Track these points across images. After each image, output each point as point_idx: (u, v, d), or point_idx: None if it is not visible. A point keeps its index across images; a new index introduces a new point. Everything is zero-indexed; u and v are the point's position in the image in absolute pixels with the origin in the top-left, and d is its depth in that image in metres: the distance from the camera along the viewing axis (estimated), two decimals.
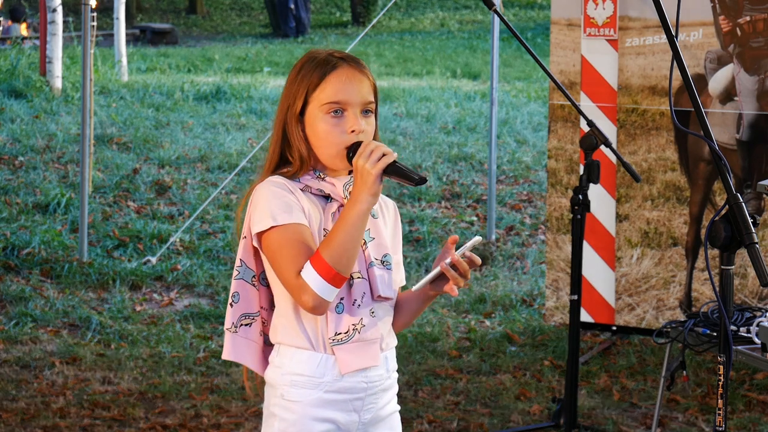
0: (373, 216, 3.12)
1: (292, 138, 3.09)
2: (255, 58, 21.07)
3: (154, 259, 8.28)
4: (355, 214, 2.95)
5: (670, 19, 3.35)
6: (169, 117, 13.60)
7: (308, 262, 2.95)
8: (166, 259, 8.36)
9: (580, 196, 5.09)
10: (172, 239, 8.64)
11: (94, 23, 10.08)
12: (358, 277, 3.05)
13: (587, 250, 6.53)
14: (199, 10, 30.00)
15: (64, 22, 15.31)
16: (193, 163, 11.27)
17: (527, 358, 6.73)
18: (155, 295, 7.79)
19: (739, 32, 6.38)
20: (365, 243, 3.07)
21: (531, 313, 7.55)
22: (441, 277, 3.08)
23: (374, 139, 3.09)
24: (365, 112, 3.08)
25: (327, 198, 3.08)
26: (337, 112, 3.05)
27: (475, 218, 9.79)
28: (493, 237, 9.08)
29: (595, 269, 6.71)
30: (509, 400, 6.12)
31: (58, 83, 14.47)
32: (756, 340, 4.87)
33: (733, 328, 4.96)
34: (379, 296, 3.08)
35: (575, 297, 5.20)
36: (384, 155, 2.95)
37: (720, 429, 3.31)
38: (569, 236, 6.63)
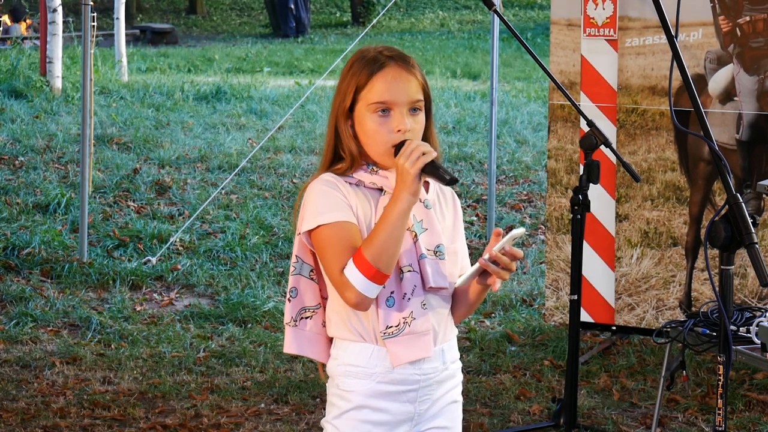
0: (426, 206, 3.17)
1: (343, 135, 3.13)
2: (255, 58, 21.07)
3: (154, 259, 8.28)
4: (396, 213, 3.00)
5: (670, 19, 3.35)
6: (169, 117, 13.60)
7: (351, 259, 3.01)
8: (166, 259, 8.36)
9: (580, 196, 5.08)
10: (172, 239, 8.63)
11: (94, 23, 10.08)
12: (408, 270, 3.10)
13: (587, 250, 6.53)
14: (199, 10, 30.00)
15: (64, 22, 15.31)
16: (193, 163, 11.26)
17: (527, 358, 6.73)
18: (155, 295, 7.79)
19: (738, 32, 6.38)
20: (416, 235, 3.11)
21: (531, 313, 7.55)
22: (486, 271, 3.11)
23: (427, 135, 3.14)
24: (413, 110, 3.11)
25: (381, 191, 3.13)
26: (383, 111, 3.09)
27: (475, 218, 9.79)
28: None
29: (595, 269, 6.71)
30: (509, 400, 6.12)
31: (58, 83, 14.47)
32: (756, 340, 4.87)
33: (732, 328, 4.96)
34: (431, 287, 3.12)
35: (575, 297, 5.19)
36: (424, 154, 3.00)
37: (720, 429, 3.31)
38: (569, 236, 6.62)
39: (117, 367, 6.48)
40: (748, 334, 4.91)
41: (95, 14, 9.96)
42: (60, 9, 14.25)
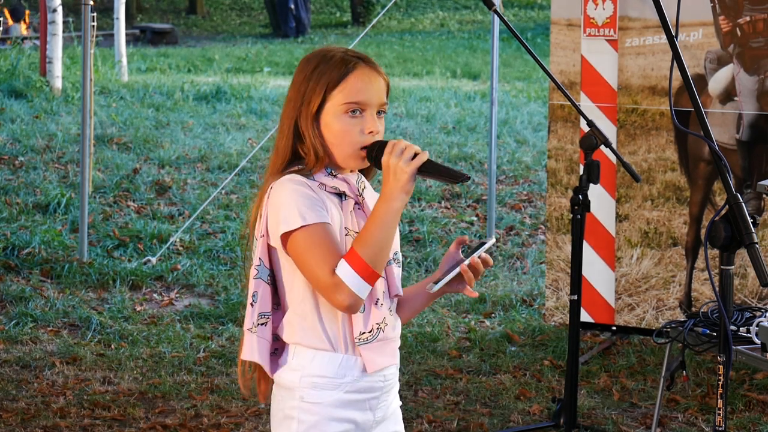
0: None
1: (307, 136, 3.06)
2: (255, 58, 21.07)
3: (154, 259, 8.28)
4: (390, 212, 2.96)
5: (670, 19, 3.35)
6: (169, 117, 13.60)
7: (343, 260, 2.95)
8: (166, 259, 8.36)
9: (580, 196, 5.09)
10: (172, 239, 8.64)
11: (94, 23, 10.08)
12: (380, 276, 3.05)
13: (587, 250, 6.53)
14: (199, 10, 30.00)
15: (64, 22, 15.31)
16: (193, 163, 11.27)
17: (527, 358, 6.73)
18: (155, 295, 7.79)
19: (739, 32, 6.38)
20: None
21: (531, 313, 7.54)
22: (455, 277, 3.09)
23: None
24: (379, 112, 3.09)
25: (341, 196, 3.08)
26: (355, 112, 3.05)
27: (475, 218, 9.79)
28: (494, 238, 9.07)
29: (595, 269, 6.71)
30: (509, 400, 6.12)
31: (58, 83, 14.47)
32: (756, 340, 4.87)
33: (733, 328, 4.96)
34: (396, 294, 3.11)
35: (575, 297, 5.20)
36: (416, 154, 2.97)
37: (720, 429, 3.31)
38: (569, 236, 6.62)
39: (117, 367, 6.48)
40: (748, 334, 4.91)
41: (95, 14, 9.96)
42: (60, 9, 14.25)
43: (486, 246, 3.05)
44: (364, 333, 3.05)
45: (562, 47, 6.84)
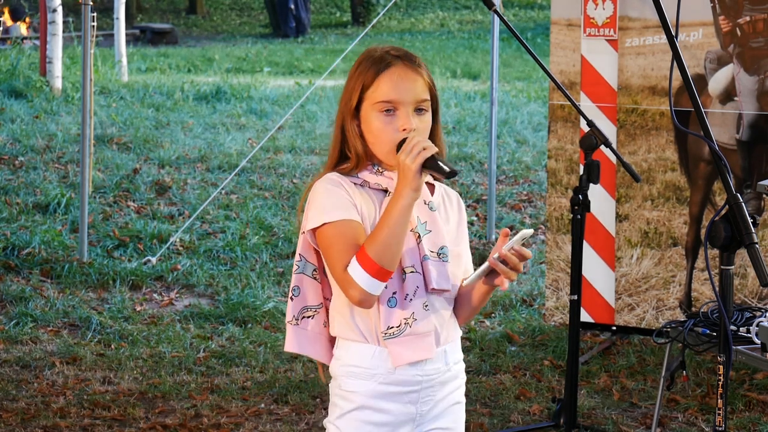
0: (431, 209, 3.17)
1: (349, 134, 3.14)
2: (255, 58, 21.07)
3: (154, 259, 8.28)
4: (398, 210, 3.01)
5: (670, 19, 3.35)
6: (169, 117, 13.60)
7: (354, 257, 3.02)
8: (166, 259, 8.36)
9: (580, 196, 5.08)
10: (172, 239, 8.63)
11: (94, 23, 10.08)
12: (411, 271, 3.10)
13: (587, 250, 6.53)
14: (199, 10, 30.00)
15: (64, 22, 15.31)
16: (193, 163, 11.27)
17: (527, 358, 6.73)
18: (155, 295, 7.79)
19: (739, 32, 6.38)
20: (419, 236, 3.12)
21: (531, 313, 7.55)
22: (494, 270, 3.11)
23: (434, 135, 3.14)
24: (418, 110, 3.12)
25: (385, 192, 3.13)
26: (389, 110, 3.10)
27: (475, 218, 9.79)
28: (493, 237, 9.08)
29: (595, 269, 6.71)
30: (509, 400, 6.12)
31: (58, 83, 14.47)
32: (756, 340, 4.87)
33: (733, 328, 4.96)
34: (434, 289, 3.12)
35: (575, 297, 5.19)
36: (424, 149, 3.00)
37: (720, 429, 3.31)
38: (569, 236, 6.62)
39: (117, 367, 6.48)
40: (748, 334, 4.91)
41: (95, 14, 9.95)
42: (60, 9, 14.25)
43: (518, 237, 3.05)
44: (391, 328, 3.10)
45: (562, 47, 6.84)
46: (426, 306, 3.12)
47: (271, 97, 15.13)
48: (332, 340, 3.22)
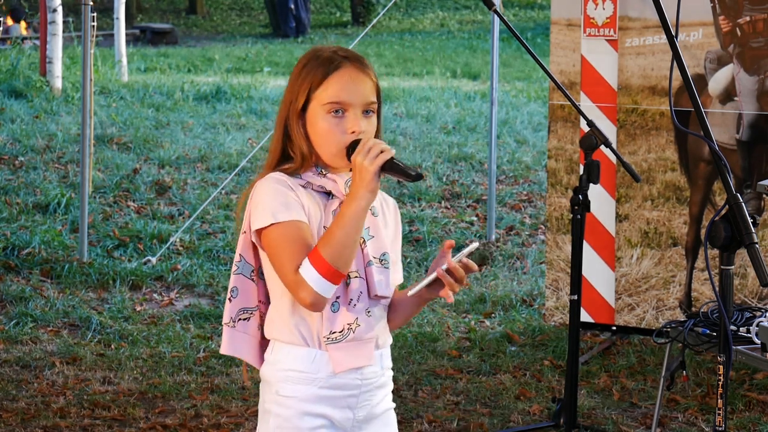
0: (373, 214, 3.13)
1: (294, 134, 3.09)
2: (255, 58, 21.07)
3: (154, 259, 8.28)
4: (354, 211, 2.96)
5: (670, 19, 3.35)
6: (169, 117, 13.60)
7: (306, 258, 2.96)
8: (166, 259, 8.36)
9: (580, 196, 5.09)
10: (172, 239, 8.63)
11: (94, 23, 10.08)
12: (355, 276, 3.06)
13: (587, 250, 6.53)
14: (199, 10, 30.00)
15: (64, 22, 15.31)
16: (193, 163, 11.27)
17: (527, 358, 6.73)
18: (155, 295, 7.79)
19: (739, 32, 6.38)
20: (364, 241, 3.08)
21: (531, 313, 7.54)
22: (438, 281, 3.08)
23: (377, 138, 3.10)
24: (366, 112, 3.08)
25: (328, 195, 3.09)
26: (337, 111, 3.05)
27: (475, 218, 9.79)
28: (493, 237, 9.08)
29: (595, 269, 6.71)
30: (509, 400, 6.12)
31: (58, 83, 14.47)
32: (756, 340, 4.87)
33: (733, 328, 4.96)
34: (377, 295, 3.09)
35: (575, 297, 5.20)
36: (382, 152, 2.96)
37: (720, 429, 3.31)
38: (569, 236, 6.62)
39: (117, 367, 6.48)
40: (748, 334, 4.91)
41: (95, 14, 9.96)
42: (60, 9, 14.25)
43: (467, 250, 3.02)
44: (333, 332, 3.05)
45: (562, 47, 6.84)
46: (369, 312, 3.09)
47: (271, 97, 15.13)
48: (263, 344, 3.16)
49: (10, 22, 21.83)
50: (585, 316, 6.78)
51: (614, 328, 6.78)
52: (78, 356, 6.61)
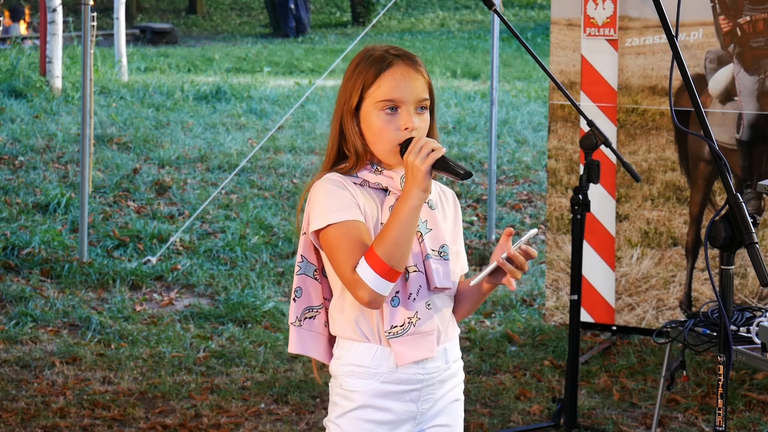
0: (431, 207, 3.18)
1: (348, 133, 3.14)
2: (255, 58, 21.07)
3: (154, 259, 8.28)
4: (407, 210, 3.01)
5: (670, 19, 3.35)
6: (169, 117, 13.60)
7: (363, 258, 3.01)
8: (166, 259, 8.36)
9: (580, 196, 5.09)
10: (172, 239, 8.63)
11: (94, 23, 10.08)
12: (414, 270, 3.10)
13: (587, 250, 6.53)
14: (199, 10, 30.01)
15: (64, 22, 15.31)
16: (193, 163, 11.27)
17: (527, 358, 6.73)
18: (155, 295, 7.79)
19: (739, 32, 6.38)
20: (422, 235, 3.13)
21: (531, 313, 7.54)
22: (499, 269, 3.12)
23: (431, 134, 3.16)
24: (419, 109, 3.13)
25: (385, 191, 3.14)
26: (391, 109, 3.10)
27: (475, 218, 9.79)
28: (493, 237, 9.08)
29: (595, 269, 6.71)
30: (509, 400, 6.12)
31: (58, 83, 14.47)
32: (756, 340, 4.87)
33: (733, 328, 4.96)
34: (436, 287, 3.13)
35: (575, 297, 5.20)
36: (433, 150, 3.02)
37: (720, 429, 3.31)
38: (569, 236, 6.63)
39: (117, 367, 6.47)
40: (748, 334, 4.91)
41: (95, 14, 9.96)
42: (60, 9, 14.25)
43: (525, 237, 3.07)
44: (395, 327, 3.10)
45: (562, 47, 6.84)
46: (429, 305, 3.13)
47: (271, 97, 15.13)
48: (332, 340, 3.23)
49: (9, 22, 21.82)
50: (585, 316, 6.78)
51: (614, 328, 6.78)
52: (78, 356, 6.60)
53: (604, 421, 5.88)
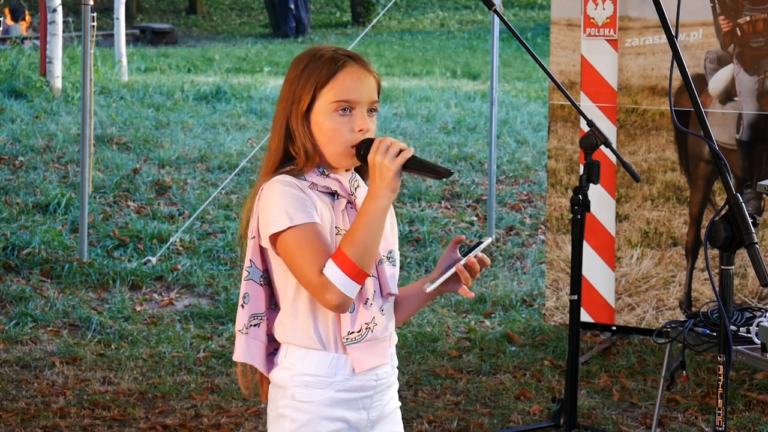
0: None
1: (297, 135, 3.06)
2: (255, 58, 21.08)
3: (154, 259, 8.28)
4: (376, 210, 2.96)
5: (670, 19, 3.35)
6: (169, 117, 13.60)
7: (330, 259, 2.95)
8: (166, 259, 8.36)
9: (580, 196, 5.09)
10: (172, 239, 8.63)
11: (94, 23, 10.08)
12: (370, 275, 3.04)
13: (587, 250, 6.53)
14: (199, 10, 30.00)
15: (64, 22, 15.31)
16: (193, 163, 11.27)
17: (527, 358, 6.73)
18: (155, 295, 7.79)
19: (739, 32, 6.38)
20: None
21: (531, 313, 7.54)
22: (449, 277, 3.10)
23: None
24: (370, 110, 3.08)
25: (333, 195, 3.08)
26: (345, 110, 3.04)
27: (475, 218, 9.79)
28: (493, 237, 9.08)
29: (595, 269, 6.71)
30: (509, 400, 6.12)
31: (58, 83, 14.47)
32: (756, 340, 4.87)
33: (733, 328, 4.96)
34: (389, 293, 3.11)
35: (575, 297, 5.20)
36: (401, 150, 2.96)
37: (720, 429, 3.31)
38: (569, 236, 6.62)
39: (117, 367, 6.48)
40: (748, 334, 4.91)
41: (95, 14, 9.96)
42: (60, 9, 14.25)
43: (483, 245, 3.05)
44: (352, 333, 3.05)
45: (562, 47, 6.84)
46: (382, 310, 3.10)
47: (271, 97, 15.13)
48: (269, 349, 3.14)
49: (11, 22, 21.82)
50: (585, 316, 6.78)
51: (614, 328, 6.78)
52: (78, 356, 6.61)
53: (604, 421, 5.88)
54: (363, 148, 3.02)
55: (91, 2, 8.86)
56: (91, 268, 8.04)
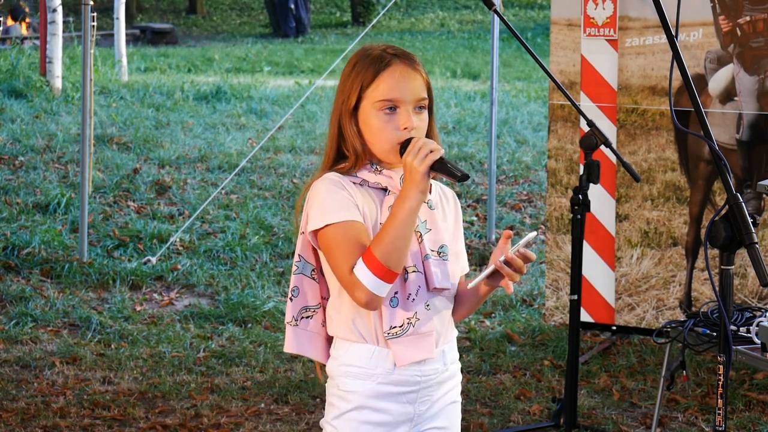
0: (430, 207, 3.17)
1: (347, 133, 3.13)
2: (255, 58, 21.08)
3: (154, 259, 8.28)
4: (405, 211, 3.00)
5: (670, 19, 3.35)
6: (169, 117, 13.60)
7: (360, 259, 3.01)
8: (166, 259, 8.36)
9: (580, 196, 5.08)
10: (172, 239, 8.63)
11: (94, 23, 10.08)
12: (413, 271, 3.10)
13: (587, 250, 6.53)
14: (199, 10, 30.01)
15: (64, 22, 15.31)
16: (193, 163, 11.27)
17: (527, 358, 6.73)
18: (155, 295, 7.79)
19: (739, 32, 6.38)
20: (421, 235, 3.12)
21: (531, 313, 7.54)
22: (497, 272, 3.12)
23: (430, 134, 3.15)
24: (418, 108, 3.12)
25: (385, 191, 3.13)
26: (390, 109, 3.09)
27: (475, 218, 9.79)
28: (493, 237, 9.08)
29: (595, 269, 6.71)
30: (509, 400, 6.12)
31: (58, 83, 14.47)
32: (756, 340, 4.87)
33: (733, 328, 4.96)
34: (435, 288, 3.13)
35: (575, 297, 5.20)
36: (431, 152, 3.01)
37: (720, 429, 3.31)
38: (569, 236, 6.62)
39: (117, 367, 6.48)
40: (748, 334, 4.91)
41: (95, 14, 9.96)
42: (60, 9, 14.25)
43: (524, 240, 3.06)
44: (393, 327, 3.09)
45: (562, 47, 6.85)
46: (428, 306, 3.13)
47: (271, 97, 15.14)
48: (329, 340, 3.22)
49: (12, 22, 21.82)
50: (585, 316, 6.78)
51: (614, 328, 6.78)
52: (78, 356, 6.61)
53: (604, 421, 5.88)
54: (404, 148, 3.06)
55: (91, 2, 8.86)
56: (91, 268, 8.04)
